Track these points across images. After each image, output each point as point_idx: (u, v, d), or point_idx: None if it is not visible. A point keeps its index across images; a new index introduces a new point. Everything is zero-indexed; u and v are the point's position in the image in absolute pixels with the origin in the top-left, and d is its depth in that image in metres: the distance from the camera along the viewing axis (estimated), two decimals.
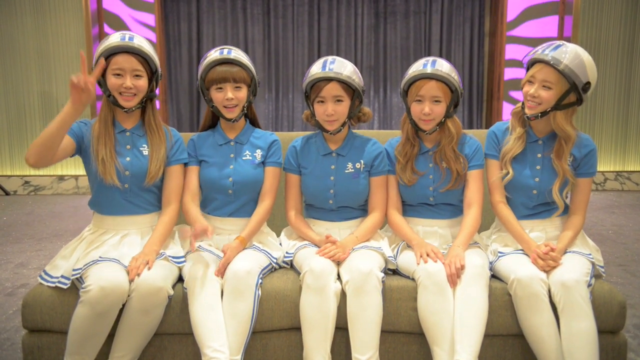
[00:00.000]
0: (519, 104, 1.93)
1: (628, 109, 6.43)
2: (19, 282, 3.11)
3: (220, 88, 1.92)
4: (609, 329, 1.76)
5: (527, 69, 1.87)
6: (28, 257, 3.65)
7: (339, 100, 1.89)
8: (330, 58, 1.93)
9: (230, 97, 1.91)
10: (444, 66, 1.87)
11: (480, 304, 1.68)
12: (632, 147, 6.50)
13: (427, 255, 1.78)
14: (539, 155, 1.90)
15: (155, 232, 1.85)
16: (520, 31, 6.36)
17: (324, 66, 1.90)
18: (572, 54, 1.76)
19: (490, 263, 1.85)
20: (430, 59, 1.90)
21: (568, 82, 1.77)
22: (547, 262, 1.72)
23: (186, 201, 1.95)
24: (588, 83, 1.78)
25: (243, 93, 1.94)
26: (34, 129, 6.39)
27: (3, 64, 6.28)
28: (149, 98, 1.89)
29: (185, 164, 1.98)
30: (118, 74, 1.81)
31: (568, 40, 6.21)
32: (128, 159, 1.86)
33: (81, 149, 1.87)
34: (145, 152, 1.89)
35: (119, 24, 6.33)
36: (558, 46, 1.78)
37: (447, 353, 1.66)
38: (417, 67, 1.90)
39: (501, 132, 1.96)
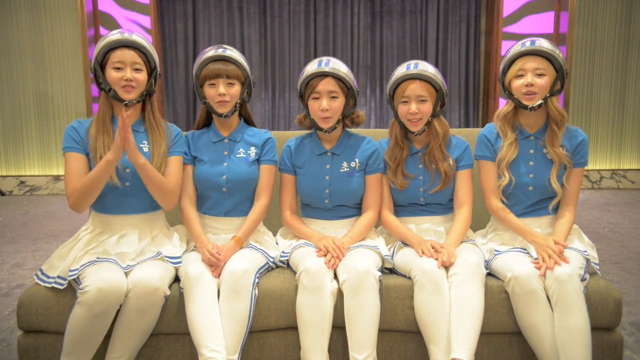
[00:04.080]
0: (505, 107, 1.95)
1: (623, 107, 6.45)
2: (15, 282, 3.10)
3: (213, 84, 1.92)
4: (605, 325, 1.76)
5: (505, 70, 1.90)
6: (24, 257, 3.64)
7: (333, 97, 1.90)
8: (325, 58, 1.95)
9: (222, 93, 1.90)
10: (427, 67, 1.91)
11: (476, 302, 1.68)
12: (628, 145, 6.52)
13: (424, 252, 1.79)
14: (532, 151, 1.91)
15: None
16: (516, 28, 6.38)
17: (319, 64, 1.92)
18: (550, 44, 1.86)
19: (487, 261, 1.86)
20: (413, 61, 1.94)
21: (555, 67, 1.86)
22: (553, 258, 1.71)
23: (184, 206, 1.95)
24: (567, 70, 1.88)
25: (236, 90, 1.93)
26: (30, 129, 6.37)
27: None
28: (148, 94, 1.89)
29: (183, 159, 1.97)
30: (118, 68, 1.81)
31: (564, 37, 6.23)
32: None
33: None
34: (146, 149, 1.88)
35: (115, 26, 6.32)
36: (533, 40, 1.87)
37: (444, 351, 1.66)
38: (401, 70, 1.93)
39: (492, 135, 1.97)
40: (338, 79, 1.90)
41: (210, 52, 1.94)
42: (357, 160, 1.98)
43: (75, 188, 1.77)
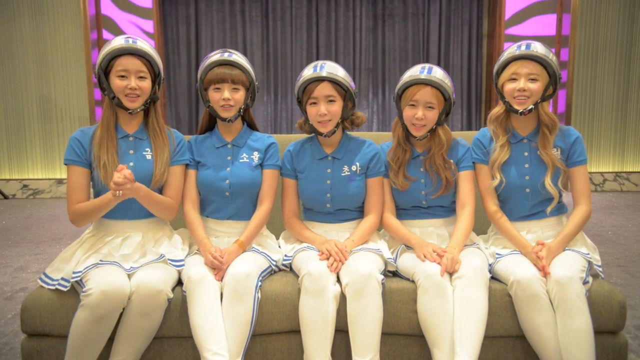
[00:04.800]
0: (497, 109, 1.96)
1: (626, 110, 6.44)
2: (18, 286, 3.10)
3: (218, 88, 1.92)
4: (609, 329, 1.76)
5: (499, 72, 1.92)
6: (27, 261, 3.64)
7: (331, 101, 1.90)
8: (320, 62, 1.95)
9: (227, 97, 1.91)
10: (439, 73, 1.91)
11: (479, 306, 1.67)
12: (631, 147, 6.50)
13: (427, 256, 1.78)
14: (526, 153, 1.92)
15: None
16: (518, 30, 6.38)
17: (315, 68, 1.92)
18: (544, 48, 1.86)
19: (490, 265, 1.85)
20: (427, 65, 1.93)
21: (548, 72, 1.86)
22: (541, 260, 1.73)
23: (187, 210, 1.96)
24: (559, 76, 1.88)
25: (240, 95, 1.94)
26: (33, 133, 6.39)
27: (1, 68, 6.28)
28: (152, 100, 1.90)
29: (187, 165, 1.98)
30: (122, 76, 1.82)
31: (566, 39, 6.23)
32: (131, 164, 1.86)
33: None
34: (149, 157, 1.89)
35: (117, 29, 6.34)
36: (528, 44, 1.86)
37: (447, 355, 1.66)
38: (414, 73, 1.92)
39: (486, 138, 1.99)
40: (335, 82, 1.90)
41: (216, 56, 1.94)
42: (357, 164, 1.98)
43: (75, 209, 1.81)
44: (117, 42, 1.83)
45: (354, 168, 1.97)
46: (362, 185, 1.98)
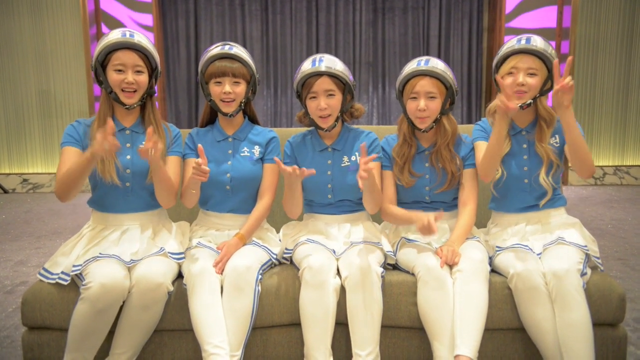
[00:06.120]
0: (495, 102, 1.95)
1: (626, 103, 6.43)
2: (18, 279, 3.11)
3: (219, 82, 1.92)
4: (609, 321, 1.76)
5: (498, 65, 1.91)
6: (27, 254, 3.65)
7: (330, 95, 1.90)
8: (318, 55, 1.95)
9: (228, 91, 1.91)
10: (437, 64, 1.91)
11: (480, 299, 1.68)
12: (631, 141, 6.49)
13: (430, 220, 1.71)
14: (525, 145, 1.93)
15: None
16: (518, 23, 6.35)
17: (313, 63, 1.92)
18: (544, 42, 1.86)
19: (490, 258, 1.85)
20: (424, 57, 1.94)
21: (547, 67, 1.85)
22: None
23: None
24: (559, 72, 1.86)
25: (241, 88, 1.94)
26: (32, 128, 6.38)
27: (1, 63, 6.27)
28: (148, 94, 1.89)
29: (183, 157, 1.98)
30: (119, 70, 1.81)
31: (567, 32, 6.21)
32: (128, 157, 1.86)
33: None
34: None
35: (117, 25, 6.32)
36: (528, 38, 1.86)
37: (447, 348, 1.67)
38: (411, 66, 1.93)
39: (486, 125, 1.99)
40: (334, 76, 1.90)
41: (216, 49, 1.94)
42: (357, 154, 1.98)
43: (58, 177, 1.76)
44: (114, 35, 1.82)
45: (353, 158, 1.97)
46: None
